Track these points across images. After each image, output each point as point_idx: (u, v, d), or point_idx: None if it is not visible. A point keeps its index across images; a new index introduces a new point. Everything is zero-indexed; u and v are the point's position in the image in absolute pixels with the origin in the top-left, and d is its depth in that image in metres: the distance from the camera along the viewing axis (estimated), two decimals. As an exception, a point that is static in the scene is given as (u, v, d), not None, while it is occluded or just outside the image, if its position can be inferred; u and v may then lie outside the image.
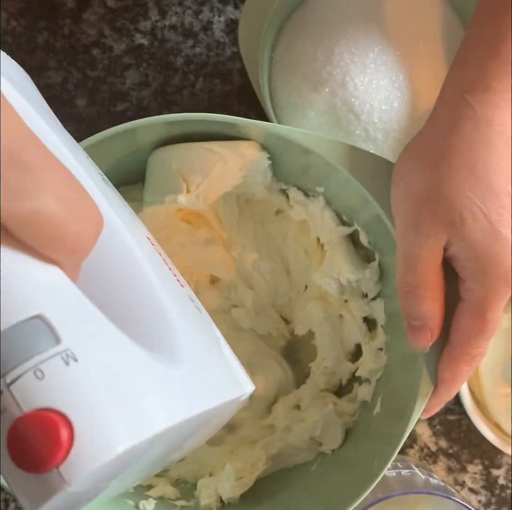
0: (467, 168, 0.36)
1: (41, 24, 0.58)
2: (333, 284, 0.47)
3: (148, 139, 0.44)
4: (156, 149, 0.45)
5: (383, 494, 0.45)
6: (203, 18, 0.58)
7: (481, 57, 0.37)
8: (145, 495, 0.46)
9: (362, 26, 0.50)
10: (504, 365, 0.54)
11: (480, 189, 0.36)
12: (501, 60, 0.36)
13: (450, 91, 0.38)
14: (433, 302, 0.37)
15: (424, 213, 0.37)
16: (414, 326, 0.38)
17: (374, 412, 0.44)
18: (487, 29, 0.37)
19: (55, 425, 0.22)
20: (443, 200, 0.36)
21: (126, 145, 0.43)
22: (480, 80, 0.36)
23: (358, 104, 0.49)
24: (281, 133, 0.41)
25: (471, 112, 0.36)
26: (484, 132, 0.36)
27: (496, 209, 0.36)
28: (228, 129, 0.43)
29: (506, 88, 0.36)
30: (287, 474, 0.48)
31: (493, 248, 0.36)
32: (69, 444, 0.22)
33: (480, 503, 0.57)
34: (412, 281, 0.37)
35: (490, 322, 0.37)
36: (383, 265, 0.46)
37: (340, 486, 0.43)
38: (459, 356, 0.38)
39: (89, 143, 0.41)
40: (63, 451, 0.22)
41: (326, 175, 0.43)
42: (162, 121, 0.42)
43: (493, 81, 0.36)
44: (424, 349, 0.39)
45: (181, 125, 0.43)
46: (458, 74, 0.38)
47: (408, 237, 0.37)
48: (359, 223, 0.45)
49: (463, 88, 0.37)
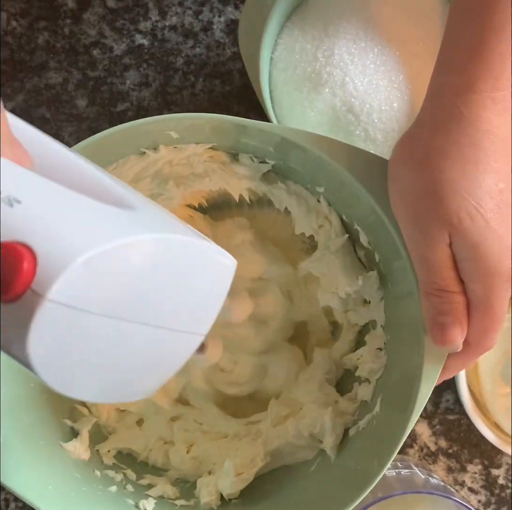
0: (458, 169, 0.36)
1: (41, 25, 0.58)
2: (334, 298, 0.48)
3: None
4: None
5: (383, 494, 0.46)
6: (203, 19, 0.58)
7: (464, 58, 0.37)
8: (145, 495, 0.47)
9: (362, 26, 0.50)
10: (504, 365, 0.54)
11: (473, 189, 0.36)
12: (484, 60, 0.36)
13: (435, 92, 0.38)
14: (462, 296, 0.37)
15: (424, 215, 0.37)
16: (444, 324, 0.38)
17: (374, 411, 0.44)
18: (468, 29, 0.37)
19: (15, 250, 0.25)
20: (439, 201, 0.36)
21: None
22: (464, 80, 0.36)
23: (358, 104, 0.49)
24: (281, 133, 0.42)
25: (457, 112, 0.36)
26: (471, 133, 0.36)
27: (491, 207, 0.36)
28: (229, 129, 0.43)
29: (490, 88, 0.36)
30: (287, 473, 0.48)
31: (491, 247, 0.36)
32: (33, 264, 0.25)
33: (479, 502, 0.57)
34: (438, 280, 0.37)
35: (497, 318, 0.37)
36: (383, 265, 0.46)
37: (340, 485, 0.43)
38: (471, 353, 0.39)
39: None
40: (29, 271, 0.24)
41: (326, 175, 0.43)
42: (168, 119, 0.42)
43: (477, 81, 0.36)
44: (456, 348, 0.38)
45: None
46: (442, 75, 0.38)
47: (418, 241, 0.38)
48: (359, 223, 0.45)
49: (448, 89, 0.37)
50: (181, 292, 0.32)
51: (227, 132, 0.43)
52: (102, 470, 0.47)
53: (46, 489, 0.42)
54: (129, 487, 0.47)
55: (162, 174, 0.47)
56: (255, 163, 0.46)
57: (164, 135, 0.43)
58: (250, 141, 0.44)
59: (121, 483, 0.47)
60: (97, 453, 0.48)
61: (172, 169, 0.47)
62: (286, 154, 0.44)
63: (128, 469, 0.49)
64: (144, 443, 0.50)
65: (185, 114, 0.42)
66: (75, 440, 0.46)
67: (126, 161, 0.45)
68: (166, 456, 0.50)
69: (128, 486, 0.47)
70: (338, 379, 0.51)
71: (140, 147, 0.44)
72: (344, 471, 0.44)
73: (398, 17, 0.51)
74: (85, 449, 0.46)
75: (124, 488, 0.47)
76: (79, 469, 0.46)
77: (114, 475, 0.47)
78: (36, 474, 0.42)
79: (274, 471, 0.49)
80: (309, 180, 0.46)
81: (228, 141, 0.44)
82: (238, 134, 0.43)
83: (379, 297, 0.47)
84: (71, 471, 0.45)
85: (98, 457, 0.48)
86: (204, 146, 0.45)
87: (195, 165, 0.46)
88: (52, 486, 0.42)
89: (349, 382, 0.50)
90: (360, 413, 0.46)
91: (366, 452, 0.43)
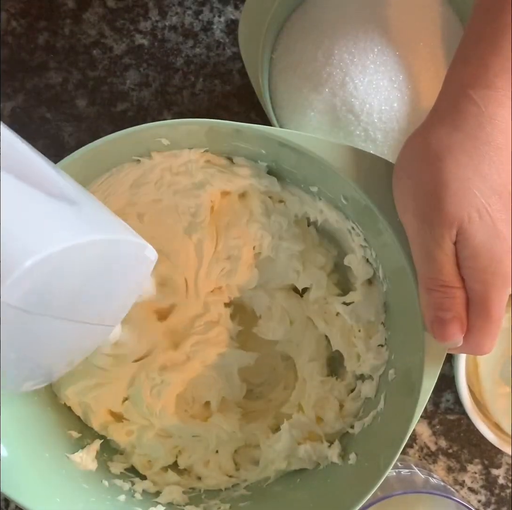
0: (472, 166, 0.36)
1: (41, 25, 0.58)
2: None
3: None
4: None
5: (383, 494, 0.46)
6: (203, 19, 0.58)
7: (483, 54, 0.37)
8: (154, 502, 0.47)
9: (362, 26, 0.50)
10: (503, 365, 0.54)
11: (485, 188, 0.36)
12: (502, 57, 0.36)
13: (452, 87, 0.38)
14: (463, 292, 0.38)
15: (435, 211, 0.37)
16: (444, 319, 0.38)
17: (378, 408, 0.44)
18: (487, 25, 0.37)
19: None
20: (452, 197, 0.36)
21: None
22: (482, 76, 0.36)
23: (358, 104, 0.49)
24: (278, 136, 0.41)
25: (475, 108, 0.36)
26: (489, 130, 0.36)
27: (499, 208, 0.36)
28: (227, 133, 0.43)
29: (507, 86, 0.36)
30: (294, 474, 0.48)
31: (494, 247, 0.36)
32: None
33: (479, 502, 0.57)
34: (442, 276, 0.37)
35: (495, 318, 0.37)
36: (383, 265, 0.46)
37: (347, 485, 0.43)
38: (467, 350, 0.39)
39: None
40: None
41: (320, 175, 0.43)
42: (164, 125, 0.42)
43: (495, 78, 0.36)
44: (456, 343, 0.38)
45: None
46: (460, 70, 0.38)
47: (424, 237, 0.38)
48: (355, 222, 0.45)
49: (466, 84, 0.37)
50: (109, 289, 0.33)
51: (219, 136, 0.43)
52: (110, 480, 0.47)
53: (55, 502, 0.42)
54: (137, 495, 0.47)
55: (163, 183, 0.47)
56: (252, 163, 0.46)
57: (155, 142, 0.43)
58: (242, 144, 0.44)
59: (129, 492, 0.47)
60: (104, 463, 0.48)
61: (173, 179, 0.47)
62: (278, 156, 0.44)
63: (136, 477, 0.49)
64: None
65: (177, 120, 0.42)
66: (81, 451, 0.46)
67: (121, 169, 0.45)
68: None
69: (136, 494, 0.47)
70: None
71: (133, 155, 0.44)
72: (351, 470, 0.44)
73: (398, 17, 0.51)
74: (92, 460, 0.46)
75: (133, 496, 0.47)
76: (87, 480, 0.45)
77: (122, 484, 0.47)
78: (43, 487, 0.42)
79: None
80: (302, 180, 0.46)
81: (220, 144, 0.44)
82: (230, 138, 0.43)
83: (383, 318, 0.47)
84: (79, 482, 0.45)
85: (105, 467, 0.48)
86: (198, 151, 0.45)
87: (194, 173, 0.46)
88: (61, 498, 0.42)
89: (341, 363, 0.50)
90: (364, 410, 0.47)
91: (372, 450, 0.43)
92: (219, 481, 0.49)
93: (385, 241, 0.42)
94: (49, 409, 0.47)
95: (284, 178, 0.47)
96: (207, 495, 0.48)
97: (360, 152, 0.41)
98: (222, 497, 0.48)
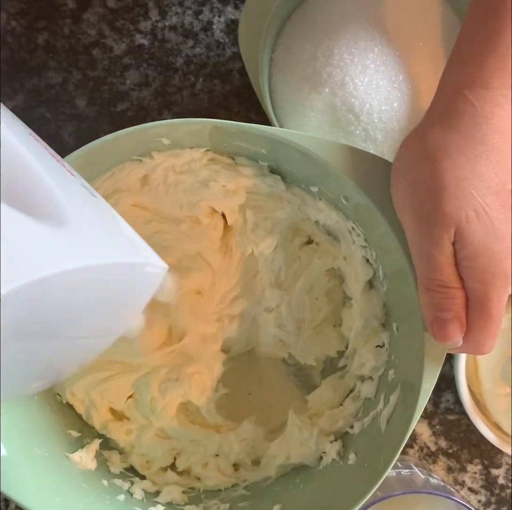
0: (469, 166, 0.36)
1: (41, 24, 0.58)
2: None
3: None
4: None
5: (383, 494, 0.46)
6: (203, 19, 0.58)
7: (480, 53, 0.37)
8: (153, 502, 0.47)
9: (362, 26, 0.50)
10: (503, 365, 0.54)
11: (482, 187, 0.36)
12: (499, 56, 0.36)
13: (448, 87, 0.38)
14: (462, 292, 0.38)
15: (433, 211, 0.37)
16: (444, 319, 0.38)
17: (378, 408, 0.44)
18: (484, 25, 0.37)
19: None
20: (449, 197, 0.36)
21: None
22: (479, 76, 0.36)
23: (358, 104, 0.49)
24: (279, 136, 0.41)
25: (471, 108, 0.36)
26: (485, 130, 0.36)
27: (497, 207, 0.36)
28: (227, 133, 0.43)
29: (504, 85, 0.36)
30: (294, 474, 0.48)
31: (492, 246, 0.36)
32: None
33: (479, 502, 0.57)
34: (441, 277, 0.37)
35: (495, 318, 0.37)
36: (382, 264, 0.46)
37: (347, 485, 0.43)
38: (467, 350, 0.39)
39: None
40: None
41: (320, 175, 0.43)
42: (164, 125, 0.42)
43: (492, 77, 0.36)
44: (456, 343, 0.38)
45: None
46: (456, 70, 0.38)
47: (423, 237, 0.38)
48: (355, 222, 0.45)
49: (462, 84, 0.37)
50: (108, 306, 0.32)
51: (221, 135, 0.43)
52: (110, 479, 0.47)
53: (54, 501, 0.42)
54: (136, 495, 0.47)
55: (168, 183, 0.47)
56: (254, 162, 0.46)
57: (156, 142, 0.43)
58: (243, 144, 0.44)
59: (128, 491, 0.47)
60: (103, 463, 0.48)
61: (177, 177, 0.47)
62: (279, 156, 0.44)
63: (136, 477, 0.49)
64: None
65: (179, 120, 0.42)
66: (81, 451, 0.46)
67: (122, 168, 0.45)
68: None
69: (135, 494, 0.47)
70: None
71: (133, 155, 0.44)
72: (350, 470, 0.44)
73: (398, 17, 0.51)
74: (91, 459, 0.46)
75: (132, 496, 0.47)
76: (86, 480, 0.45)
77: (121, 484, 0.47)
78: (43, 486, 0.42)
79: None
80: (303, 180, 0.46)
81: (221, 144, 0.44)
82: (231, 137, 0.43)
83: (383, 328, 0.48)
84: (78, 481, 0.45)
85: (105, 466, 0.48)
86: (200, 150, 0.45)
87: (198, 171, 0.46)
88: (60, 498, 0.42)
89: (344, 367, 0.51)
90: (364, 410, 0.47)
91: (372, 450, 0.43)
92: (219, 482, 0.49)
93: (385, 241, 0.42)
94: (48, 408, 0.47)
95: (285, 178, 0.47)
96: (207, 495, 0.48)
97: (360, 152, 0.41)
98: (221, 497, 0.48)
